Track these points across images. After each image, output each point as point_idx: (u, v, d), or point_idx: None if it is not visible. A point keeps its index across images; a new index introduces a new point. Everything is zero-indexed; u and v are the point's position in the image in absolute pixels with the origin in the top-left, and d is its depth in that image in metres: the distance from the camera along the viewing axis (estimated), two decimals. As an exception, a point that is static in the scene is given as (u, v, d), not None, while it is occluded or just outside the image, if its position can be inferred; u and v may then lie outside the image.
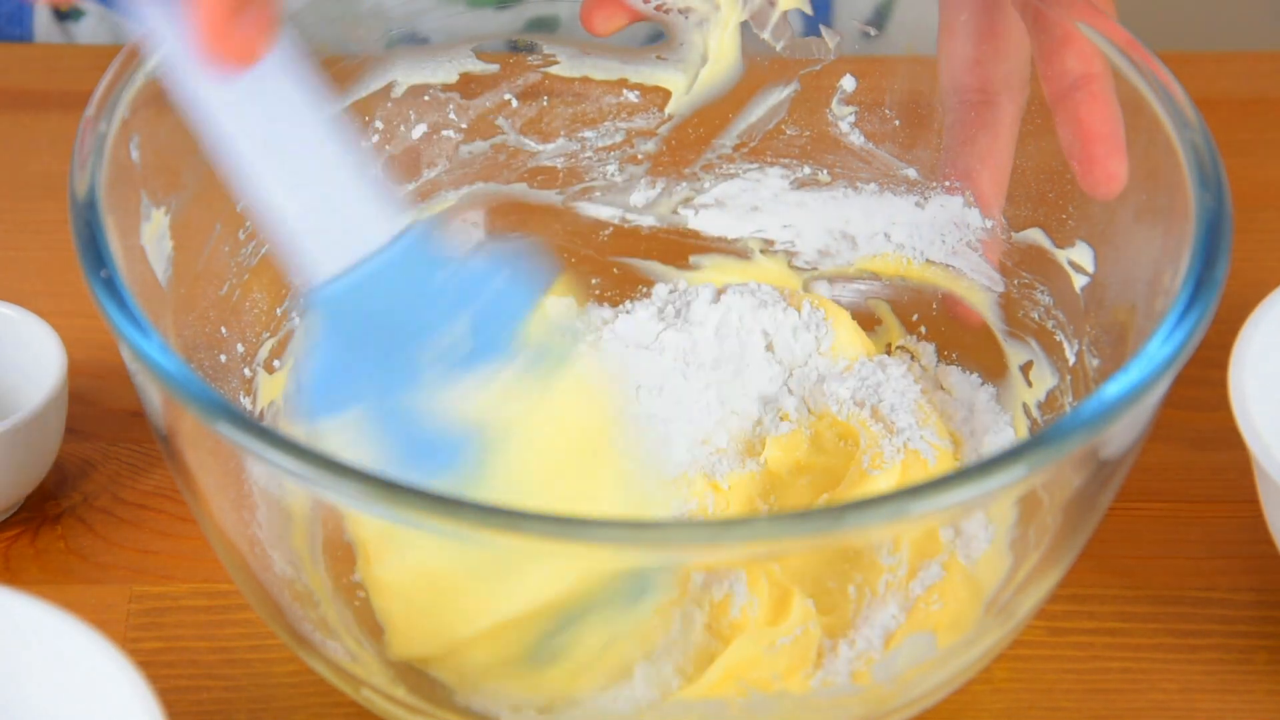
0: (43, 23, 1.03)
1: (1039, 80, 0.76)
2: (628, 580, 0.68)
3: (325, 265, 0.66)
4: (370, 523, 0.69)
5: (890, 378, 0.80)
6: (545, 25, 0.84)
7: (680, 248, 0.85)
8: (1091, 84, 0.73)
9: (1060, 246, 0.79)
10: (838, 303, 0.83)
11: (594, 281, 0.85)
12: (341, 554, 0.74)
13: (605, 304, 0.85)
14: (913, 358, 0.83)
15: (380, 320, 0.66)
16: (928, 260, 0.83)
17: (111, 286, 0.65)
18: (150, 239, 0.71)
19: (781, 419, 0.80)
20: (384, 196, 0.66)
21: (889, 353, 0.83)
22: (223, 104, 0.63)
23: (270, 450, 0.61)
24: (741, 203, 0.85)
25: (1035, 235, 0.80)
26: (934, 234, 0.82)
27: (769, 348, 0.81)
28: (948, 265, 0.82)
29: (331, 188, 0.65)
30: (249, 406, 0.77)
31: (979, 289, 0.82)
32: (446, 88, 0.83)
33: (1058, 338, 0.79)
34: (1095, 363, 0.77)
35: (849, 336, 0.81)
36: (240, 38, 0.60)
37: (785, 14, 0.82)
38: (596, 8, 0.79)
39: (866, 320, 0.84)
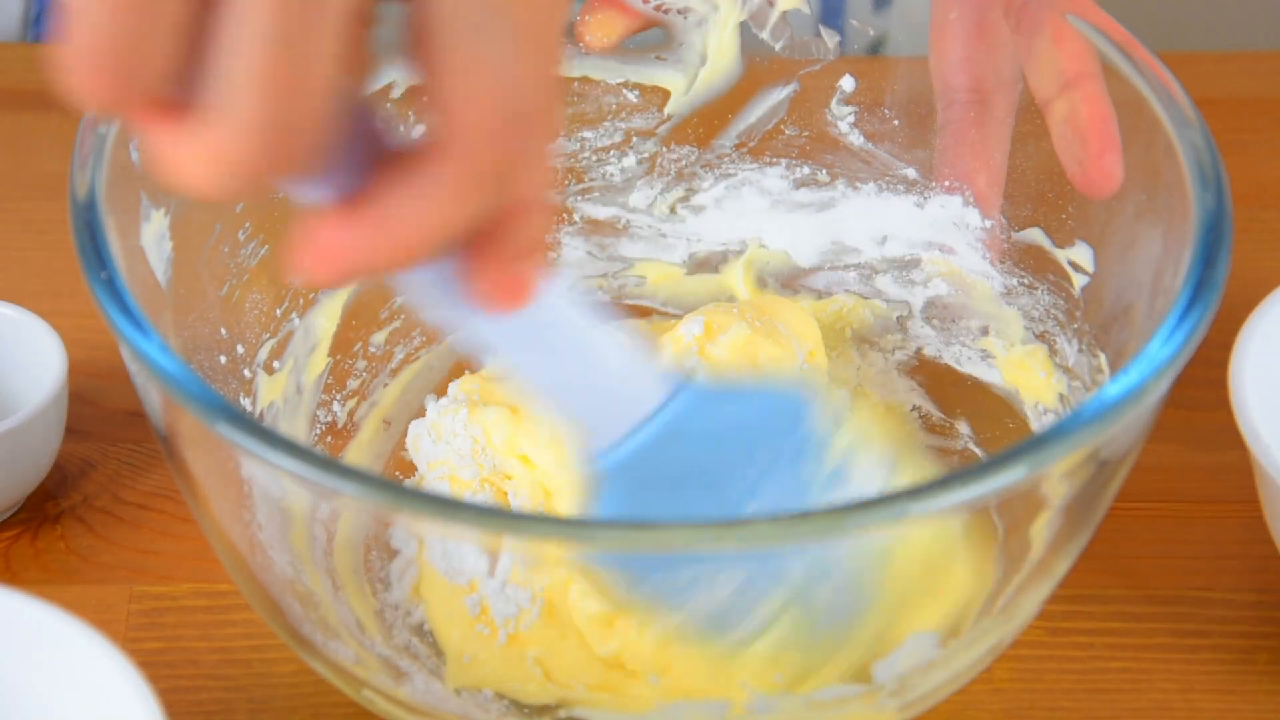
0: None
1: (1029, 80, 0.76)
2: None
3: (603, 436, 0.64)
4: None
5: None
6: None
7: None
8: (1084, 83, 0.73)
9: (1060, 246, 0.79)
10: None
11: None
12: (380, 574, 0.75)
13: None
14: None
15: (665, 483, 0.65)
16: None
17: (111, 287, 0.65)
18: (150, 240, 0.71)
19: None
20: (648, 367, 0.64)
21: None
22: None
23: (270, 450, 0.61)
24: (740, 203, 0.85)
25: (1035, 235, 0.80)
26: (933, 234, 0.82)
27: None
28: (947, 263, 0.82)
29: (597, 365, 0.63)
30: (249, 407, 0.77)
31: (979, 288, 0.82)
32: (446, 88, 0.82)
33: (1058, 338, 0.79)
34: (1095, 362, 0.77)
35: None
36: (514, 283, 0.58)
37: (784, 14, 0.82)
38: (590, 17, 0.79)
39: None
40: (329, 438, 0.80)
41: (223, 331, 0.76)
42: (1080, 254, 0.78)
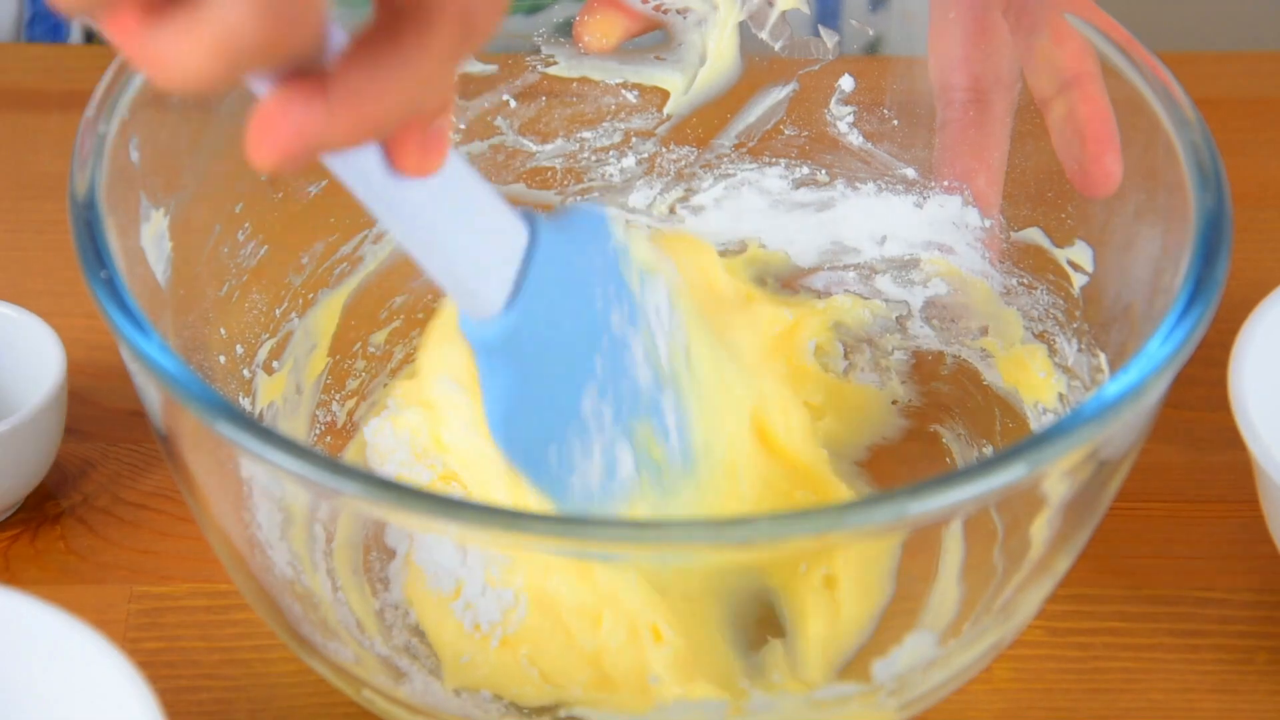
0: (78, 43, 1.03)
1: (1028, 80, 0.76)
2: None
3: (488, 302, 0.66)
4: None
5: None
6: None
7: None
8: (1084, 83, 0.73)
9: (1059, 246, 0.79)
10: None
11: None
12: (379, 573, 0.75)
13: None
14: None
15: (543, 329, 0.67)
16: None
17: (111, 287, 0.65)
18: (150, 239, 0.71)
19: None
20: (509, 211, 0.65)
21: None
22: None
23: (270, 450, 0.61)
24: (740, 203, 0.85)
25: (1034, 235, 0.80)
26: (933, 234, 0.82)
27: None
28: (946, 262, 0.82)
29: (474, 216, 0.64)
30: (248, 407, 0.77)
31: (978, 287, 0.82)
32: (445, 88, 0.82)
33: (1057, 338, 0.79)
34: (1095, 362, 0.77)
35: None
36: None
37: (784, 14, 0.82)
38: (590, 17, 0.79)
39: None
40: (329, 438, 0.80)
41: (222, 331, 0.76)
42: (1079, 254, 0.78)
